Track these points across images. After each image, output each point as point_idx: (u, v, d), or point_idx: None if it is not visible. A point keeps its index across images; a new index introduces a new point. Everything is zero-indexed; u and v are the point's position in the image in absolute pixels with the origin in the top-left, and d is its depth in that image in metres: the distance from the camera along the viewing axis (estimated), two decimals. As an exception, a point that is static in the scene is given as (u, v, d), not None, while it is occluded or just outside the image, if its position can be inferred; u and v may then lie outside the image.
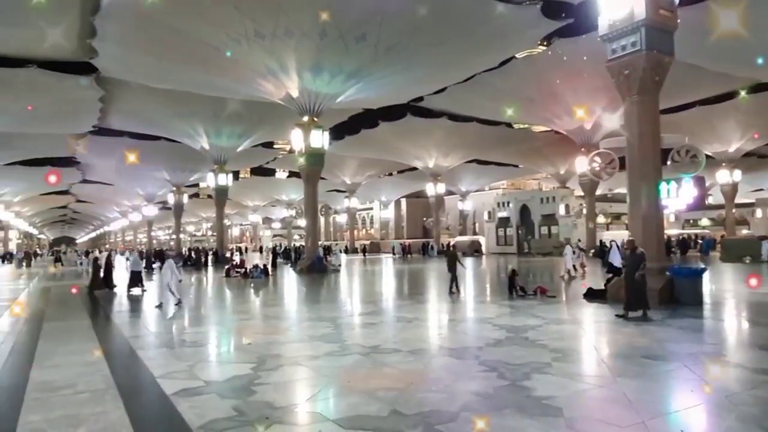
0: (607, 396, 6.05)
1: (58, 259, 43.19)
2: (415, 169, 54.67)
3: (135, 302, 16.66)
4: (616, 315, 11.22)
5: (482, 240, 54.23)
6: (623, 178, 14.89)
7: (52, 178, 19.45)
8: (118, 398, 6.10)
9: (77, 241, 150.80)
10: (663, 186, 13.53)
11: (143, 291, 18.74)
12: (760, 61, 23.33)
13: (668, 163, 14.30)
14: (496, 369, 7.05)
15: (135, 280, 19.01)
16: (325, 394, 6.31)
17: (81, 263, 38.16)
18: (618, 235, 36.51)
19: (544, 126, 42.04)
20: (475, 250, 45.47)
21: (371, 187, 67.50)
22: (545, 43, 29.02)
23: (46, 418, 5.45)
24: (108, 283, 19.74)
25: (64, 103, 32.41)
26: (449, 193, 61.05)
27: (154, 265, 30.96)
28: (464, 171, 57.02)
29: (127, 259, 25.91)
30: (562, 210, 48.27)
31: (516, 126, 44.65)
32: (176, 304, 14.64)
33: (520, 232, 51.60)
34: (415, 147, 47.44)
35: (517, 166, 59.63)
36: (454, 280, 16.55)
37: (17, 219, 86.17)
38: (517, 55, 29.64)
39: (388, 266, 35.07)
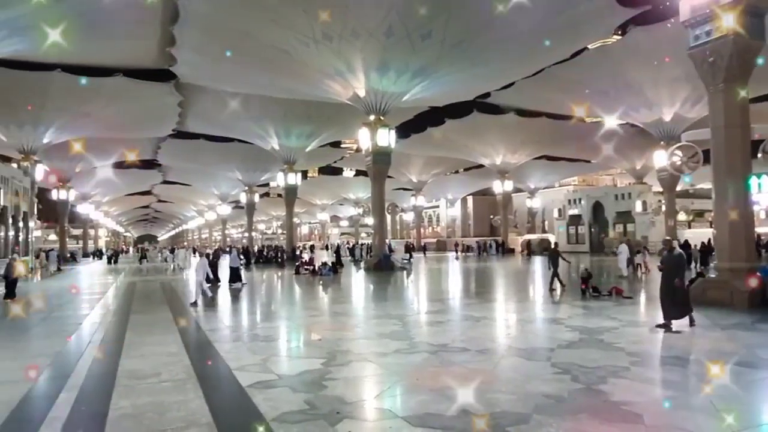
0: (691, 404, 5.71)
1: (143, 256, 45.22)
2: (481, 166, 53.86)
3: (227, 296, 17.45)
4: (657, 325, 9.83)
5: (552, 238, 52.63)
6: (707, 173, 14.00)
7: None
8: (198, 388, 6.41)
9: (158, 239, 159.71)
10: (753, 180, 12.61)
11: (242, 285, 20.15)
12: None
13: (759, 155, 13.33)
14: (569, 371, 6.82)
15: (234, 275, 20.57)
16: (394, 391, 6.34)
17: (166, 259, 39.84)
18: (701, 233, 34.40)
19: (619, 119, 40.19)
20: (544, 248, 44.13)
21: (437, 184, 67.18)
22: (620, 33, 27.72)
23: (135, 404, 5.81)
24: (214, 277, 21.09)
25: (147, 109, 34.51)
26: (517, 190, 59.71)
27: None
28: (533, 167, 55.57)
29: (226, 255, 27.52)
30: (638, 207, 46.02)
31: (588, 120, 42.93)
32: (209, 299, 15.08)
33: (592, 230, 49.65)
34: (482, 144, 46.73)
35: (589, 162, 57.47)
36: (555, 276, 16.71)
37: (106, 218, 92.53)
38: (589, 46, 28.51)
39: (453, 265, 34.76)
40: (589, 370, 6.87)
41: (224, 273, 21.57)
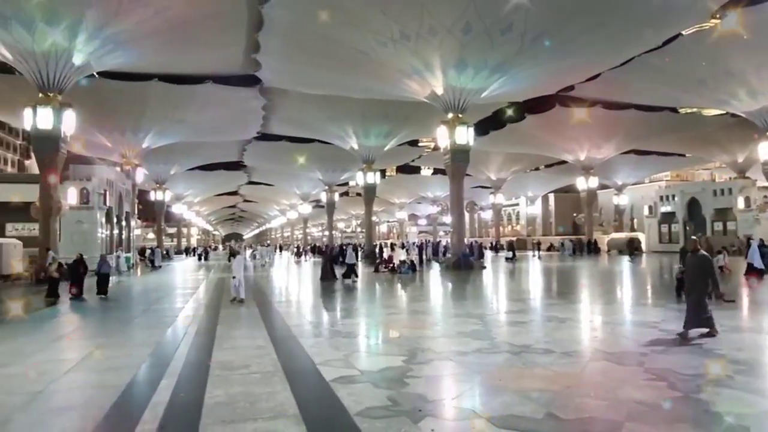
0: (808, 419, 5.20)
1: (233, 254, 46.95)
2: (564, 162, 51.91)
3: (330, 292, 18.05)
4: (678, 334, 8.98)
5: (642, 237, 49.82)
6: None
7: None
8: (284, 381, 6.65)
9: (244, 237, 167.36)
10: None
11: (353, 281, 21.04)
12: None
13: None
14: (665, 378, 6.43)
15: (349, 271, 21.77)
16: (476, 390, 6.27)
17: (254, 256, 40.71)
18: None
19: (718, 109, 37.31)
20: (634, 248, 41.81)
21: (517, 182, 65.56)
22: (718, 16, 25.70)
23: (227, 393, 6.13)
24: (333, 273, 22.36)
25: (234, 113, 36.30)
26: (603, 186, 56.99)
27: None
28: (620, 163, 52.79)
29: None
30: (740, 203, 42.48)
31: (682, 110, 40.14)
32: (236, 300, 14.91)
33: (687, 228, 46.45)
34: (565, 139, 45.01)
35: (683, 155, 53.79)
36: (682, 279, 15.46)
37: (197, 217, 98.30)
38: (683, 32, 26.66)
39: (534, 264, 33.78)
40: (686, 377, 6.44)
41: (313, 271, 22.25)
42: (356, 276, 21.88)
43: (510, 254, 37.74)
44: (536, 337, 9.33)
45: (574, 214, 67.69)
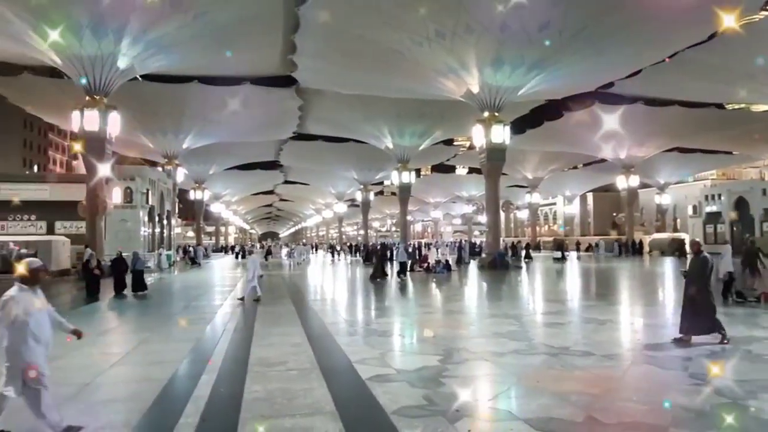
0: None
1: (269, 252, 47.49)
2: (603, 160, 50.71)
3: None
4: (674, 339, 8.62)
5: (685, 237, 48.23)
6: None
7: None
8: (321, 378, 6.71)
9: (280, 235, 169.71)
10: None
11: (401, 279, 21.71)
12: None
13: None
14: (711, 383, 6.21)
15: (402, 269, 22.76)
16: (513, 392, 6.19)
17: (290, 254, 40.88)
18: None
19: (768, 105, 35.84)
20: (676, 249, 40.50)
21: (554, 181, 64.39)
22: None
23: (266, 389, 6.23)
24: (384, 271, 23.01)
25: (270, 114, 36.89)
26: (644, 185, 55.41)
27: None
28: (662, 161, 51.22)
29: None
30: (791, 203, 40.72)
31: (729, 106, 38.64)
32: (239, 298, 14.95)
33: (735, 228, 44.77)
34: (605, 137, 43.92)
35: (730, 153, 51.82)
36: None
37: (234, 216, 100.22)
38: (731, 25, 25.62)
39: (572, 264, 33.12)
40: (734, 383, 6.20)
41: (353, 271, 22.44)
42: (404, 275, 22.55)
43: (558, 254, 36.55)
44: (575, 339, 9.15)
45: (614, 214, 66.09)
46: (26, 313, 4.59)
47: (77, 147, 26.35)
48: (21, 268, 4.77)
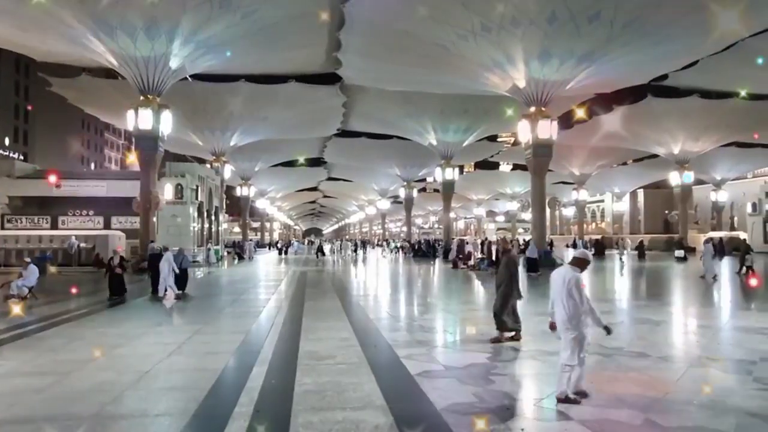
0: None
1: (320, 249, 45.32)
2: (655, 156, 48.88)
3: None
4: None
5: (744, 236, 46.02)
6: None
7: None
8: (370, 372, 6.75)
9: (323, 232, 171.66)
10: None
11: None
12: None
13: None
14: (778, 389, 5.91)
15: (536, 266, 22.80)
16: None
17: (341, 249, 40.48)
18: None
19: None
20: (734, 248, 38.61)
21: (602, 177, 62.51)
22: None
23: (316, 382, 6.32)
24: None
25: (315, 111, 37.24)
26: (699, 182, 53.13)
27: None
28: (719, 156, 48.93)
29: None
30: None
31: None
32: (175, 297, 14.64)
33: (798, 227, 42.43)
34: (657, 131, 42.33)
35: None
36: None
37: (279, 212, 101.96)
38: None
39: (620, 263, 32.12)
40: (804, 389, 5.89)
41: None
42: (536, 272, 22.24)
43: (681, 253, 33.95)
44: (629, 340, 8.87)
45: (666, 212, 63.72)
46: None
47: (132, 158, 27.48)
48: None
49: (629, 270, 26.33)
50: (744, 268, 20.75)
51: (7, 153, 54.30)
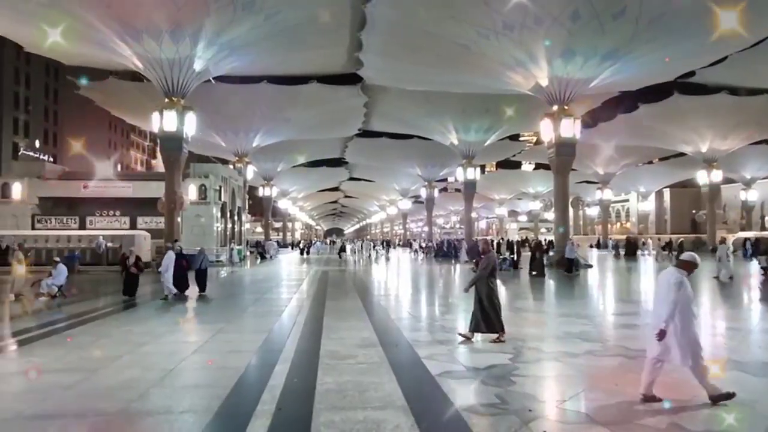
0: None
1: (343, 249, 45.08)
2: (682, 155, 47.92)
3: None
4: None
5: (774, 237, 44.77)
6: None
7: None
8: (390, 372, 6.75)
9: (344, 232, 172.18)
10: None
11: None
12: None
13: None
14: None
15: (571, 266, 23.84)
16: (590, 394, 5.97)
17: (362, 248, 39.88)
18: None
19: None
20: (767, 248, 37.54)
21: (627, 176, 61.52)
22: None
23: (337, 381, 6.34)
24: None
25: (336, 111, 37.41)
26: (727, 180, 51.94)
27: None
28: (749, 154, 47.76)
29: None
30: None
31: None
32: (162, 299, 14.28)
33: (832, 227, 41.15)
34: (684, 130, 41.49)
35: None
36: None
37: (301, 212, 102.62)
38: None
39: (645, 264, 31.57)
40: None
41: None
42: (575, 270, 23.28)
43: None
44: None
45: (693, 211, 62.44)
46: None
47: (154, 162, 27.78)
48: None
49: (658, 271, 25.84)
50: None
51: (37, 155, 55.68)
